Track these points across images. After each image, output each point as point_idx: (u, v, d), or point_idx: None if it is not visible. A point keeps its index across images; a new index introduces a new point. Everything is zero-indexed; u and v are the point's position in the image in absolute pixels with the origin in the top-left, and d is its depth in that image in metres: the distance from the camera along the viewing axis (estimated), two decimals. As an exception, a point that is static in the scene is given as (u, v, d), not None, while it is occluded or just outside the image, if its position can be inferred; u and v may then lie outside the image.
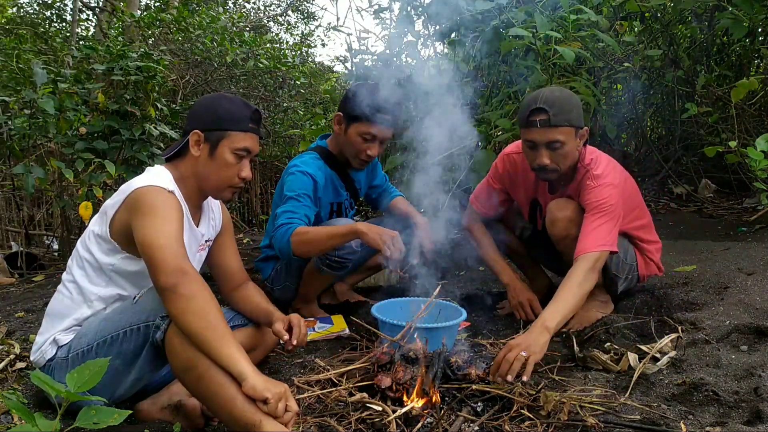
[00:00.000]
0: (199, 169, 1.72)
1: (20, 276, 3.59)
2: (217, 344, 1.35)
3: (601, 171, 2.16)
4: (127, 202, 1.59)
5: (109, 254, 1.65)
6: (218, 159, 1.70)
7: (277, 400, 1.34)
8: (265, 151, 6.20)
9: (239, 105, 1.73)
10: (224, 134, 1.69)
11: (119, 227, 1.61)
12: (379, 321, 2.07)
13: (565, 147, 2.06)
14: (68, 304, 1.67)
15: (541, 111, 2.02)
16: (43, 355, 1.65)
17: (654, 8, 3.90)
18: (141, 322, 1.50)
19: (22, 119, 3.04)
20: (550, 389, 1.70)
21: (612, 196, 2.10)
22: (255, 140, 1.75)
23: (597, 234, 2.04)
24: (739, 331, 1.99)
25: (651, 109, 5.11)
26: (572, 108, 2.05)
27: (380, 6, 4.76)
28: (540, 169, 2.13)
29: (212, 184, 1.73)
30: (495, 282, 3.09)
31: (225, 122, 1.69)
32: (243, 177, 1.74)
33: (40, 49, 5.01)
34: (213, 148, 1.70)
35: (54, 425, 1.18)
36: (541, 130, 2.04)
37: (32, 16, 10.09)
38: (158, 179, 1.62)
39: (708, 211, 4.14)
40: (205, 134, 1.70)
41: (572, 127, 2.06)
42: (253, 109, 1.75)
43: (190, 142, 1.71)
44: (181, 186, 1.71)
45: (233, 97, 1.78)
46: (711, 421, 1.53)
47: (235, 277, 1.94)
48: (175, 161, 1.75)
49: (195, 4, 5.86)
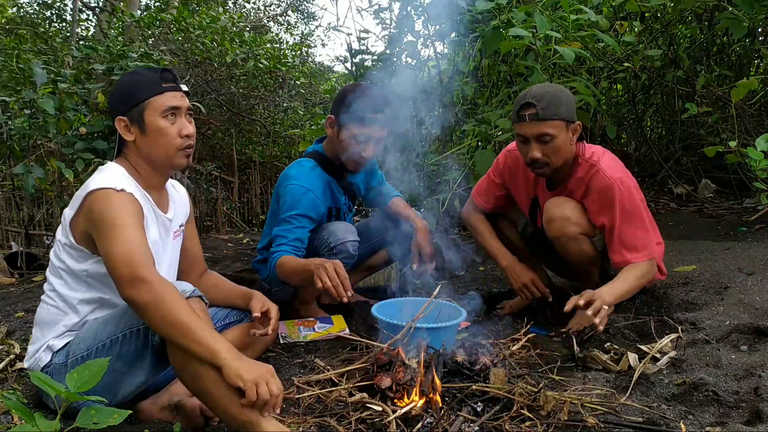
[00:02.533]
0: (142, 150, 1.67)
1: (20, 276, 3.59)
2: (186, 343, 1.33)
3: (611, 164, 2.18)
4: (83, 209, 1.56)
5: (80, 261, 1.63)
6: (152, 131, 1.64)
7: (252, 385, 1.30)
8: (265, 151, 6.20)
9: (144, 73, 1.69)
10: (144, 105, 1.63)
11: (81, 234, 1.59)
12: (379, 321, 2.08)
13: (556, 140, 2.09)
14: (54, 312, 1.66)
15: (530, 105, 2.07)
16: (38, 362, 1.64)
17: (654, 8, 3.90)
18: (140, 324, 1.49)
19: (22, 119, 3.04)
20: (550, 389, 1.70)
21: (635, 194, 2.17)
22: (177, 96, 1.67)
23: (641, 241, 2.15)
24: (739, 331, 1.99)
25: (651, 109, 5.11)
26: (561, 102, 2.08)
27: (380, 6, 4.76)
28: (532, 163, 2.15)
29: (160, 157, 1.67)
30: (495, 282, 3.09)
31: (138, 94, 1.63)
32: (185, 135, 1.67)
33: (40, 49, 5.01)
34: (141, 124, 1.64)
35: (54, 425, 1.18)
36: (530, 123, 2.08)
37: (32, 16, 10.09)
38: (109, 178, 1.58)
39: (708, 211, 4.13)
40: (127, 116, 1.65)
41: (562, 120, 2.08)
42: (161, 70, 1.68)
43: (119, 130, 1.67)
44: (137, 177, 1.68)
45: (136, 69, 1.76)
46: (711, 421, 1.53)
47: (201, 265, 1.96)
48: (121, 156, 1.72)
49: (195, 4, 5.86)
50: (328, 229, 2.37)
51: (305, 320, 2.47)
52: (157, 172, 1.72)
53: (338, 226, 2.38)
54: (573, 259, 2.30)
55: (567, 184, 2.27)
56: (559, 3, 3.23)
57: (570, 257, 2.29)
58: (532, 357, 2.05)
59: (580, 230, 2.21)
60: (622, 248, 2.15)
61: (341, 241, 2.32)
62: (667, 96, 4.73)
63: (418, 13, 4.37)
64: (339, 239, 2.32)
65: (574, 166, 2.23)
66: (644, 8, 3.85)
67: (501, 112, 3.61)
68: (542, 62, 3.28)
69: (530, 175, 2.36)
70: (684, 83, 4.35)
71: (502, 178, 2.47)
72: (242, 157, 6.06)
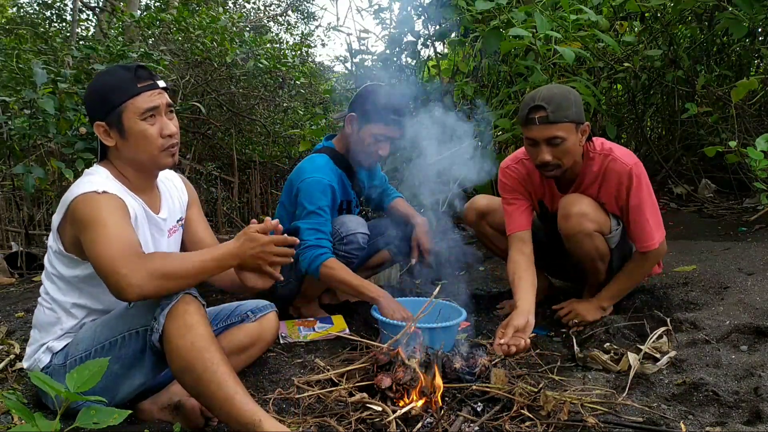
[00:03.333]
0: (124, 154, 1.63)
1: (20, 276, 3.59)
2: (209, 269, 1.43)
3: (624, 152, 2.20)
4: (69, 216, 1.54)
5: (70, 267, 1.62)
6: (132, 135, 1.58)
7: None
8: (265, 150, 6.20)
9: (118, 72, 1.61)
10: (120, 109, 1.57)
11: (70, 241, 1.57)
12: (379, 321, 2.08)
13: (566, 143, 2.08)
14: (51, 315, 1.66)
15: (540, 108, 2.05)
16: (37, 363, 1.64)
17: (654, 8, 3.90)
18: (139, 327, 1.49)
19: (22, 119, 3.04)
20: (550, 389, 1.70)
21: (647, 181, 2.21)
22: (155, 95, 1.60)
23: (655, 227, 2.21)
24: (739, 331, 1.99)
25: (651, 109, 5.11)
26: (571, 104, 2.07)
27: (380, 6, 4.76)
28: (542, 166, 2.14)
29: (144, 160, 1.63)
30: (495, 282, 3.10)
31: (114, 98, 1.57)
32: (167, 134, 1.62)
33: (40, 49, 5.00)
34: (120, 129, 1.59)
35: (54, 425, 1.18)
36: (540, 127, 2.07)
37: (32, 16, 10.09)
38: (91, 183, 1.54)
39: (708, 211, 4.13)
40: (105, 121, 1.60)
41: (572, 122, 2.07)
42: (135, 67, 1.60)
43: (99, 136, 1.63)
44: (122, 179, 1.65)
45: (111, 67, 1.67)
46: (711, 421, 1.53)
47: None
48: (106, 159, 1.69)
49: (195, 4, 5.86)
50: (340, 220, 2.41)
51: (305, 320, 2.47)
52: (143, 175, 1.69)
53: (350, 218, 2.42)
54: (584, 256, 2.28)
55: (582, 181, 2.26)
56: (559, 3, 3.23)
57: (581, 254, 2.27)
58: (532, 357, 2.05)
59: (596, 227, 2.20)
60: (641, 233, 2.20)
61: (352, 232, 2.36)
62: (667, 96, 4.74)
63: (418, 13, 4.37)
64: (350, 230, 2.36)
65: (586, 163, 2.23)
66: (644, 8, 3.85)
67: (501, 112, 3.61)
68: (542, 62, 3.28)
69: (534, 182, 2.36)
70: (684, 83, 4.35)
71: (517, 191, 2.39)
72: (242, 157, 6.05)
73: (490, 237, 2.58)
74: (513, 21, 3.14)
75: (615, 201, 2.22)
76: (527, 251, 2.28)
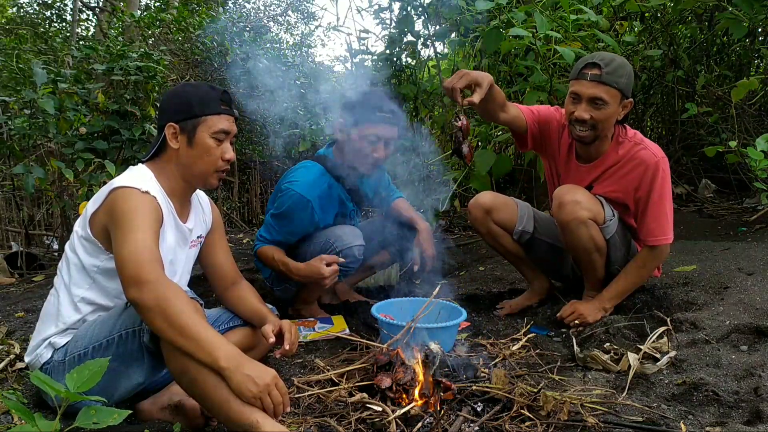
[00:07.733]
0: (182, 160, 1.69)
1: (20, 276, 3.59)
2: (188, 346, 1.34)
3: (655, 146, 2.22)
4: (106, 204, 1.58)
5: (93, 255, 1.64)
6: (198, 146, 1.67)
7: (257, 401, 1.33)
8: (265, 151, 6.20)
9: (206, 89, 1.71)
10: (199, 120, 1.67)
11: (99, 226, 1.60)
12: (379, 321, 2.08)
13: (607, 108, 2.10)
14: (57, 306, 1.67)
15: (596, 66, 2.09)
16: (39, 358, 1.64)
17: (654, 8, 3.90)
18: (135, 326, 1.50)
19: (22, 119, 3.04)
20: (550, 389, 1.70)
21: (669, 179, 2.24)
22: (230, 121, 1.73)
23: (670, 223, 2.24)
24: (739, 331, 1.99)
25: (651, 109, 5.11)
26: (625, 73, 2.10)
27: (380, 6, 4.76)
28: (578, 122, 2.15)
29: (197, 172, 1.71)
30: (495, 282, 3.10)
31: (197, 108, 1.67)
32: (227, 159, 1.72)
33: (40, 49, 5.01)
34: (191, 137, 1.67)
35: (54, 425, 1.18)
36: (589, 83, 2.09)
37: (32, 16, 10.10)
38: (136, 179, 1.59)
39: (708, 211, 4.13)
40: (180, 125, 1.67)
41: (619, 91, 2.09)
42: (221, 91, 1.72)
43: (167, 136, 1.68)
44: (164, 183, 1.69)
45: (199, 83, 1.77)
46: (711, 421, 1.53)
47: (228, 276, 1.91)
48: (155, 159, 1.73)
49: (195, 4, 5.86)
50: (335, 232, 2.34)
51: (305, 320, 2.47)
52: (187, 185, 1.75)
53: (345, 230, 2.35)
54: (581, 248, 2.27)
55: (604, 161, 2.26)
56: (559, 3, 3.23)
57: (578, 243, 2.25)
58: (532, 357, 2.05)
59: (590, 215, 2.20)
60: (657, 227, 2.21)
61: (348, 246, 2.30)
62: (667, 96, 4.74)
63: (418, 13, 4.37)
64: (346, 244, 2.30)
65: (613, 146, 2.24)
66: (644, 8, 3.85)
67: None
68: (542, 62, 3.28)
69: (564, 136, 2.35)
70: (684, 83, 4.36)
71: (539, 121, 2.37)
72: (242, 157, 6.06)
73: (495, 234, 2.54)
74: (513, 21, 3.14)
75: (633, 190, 2.23)
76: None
